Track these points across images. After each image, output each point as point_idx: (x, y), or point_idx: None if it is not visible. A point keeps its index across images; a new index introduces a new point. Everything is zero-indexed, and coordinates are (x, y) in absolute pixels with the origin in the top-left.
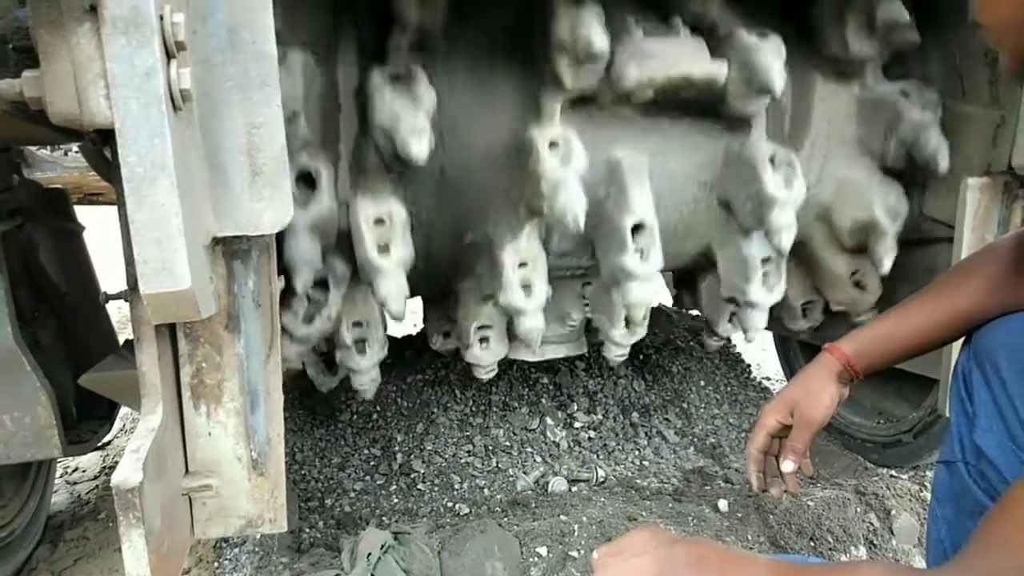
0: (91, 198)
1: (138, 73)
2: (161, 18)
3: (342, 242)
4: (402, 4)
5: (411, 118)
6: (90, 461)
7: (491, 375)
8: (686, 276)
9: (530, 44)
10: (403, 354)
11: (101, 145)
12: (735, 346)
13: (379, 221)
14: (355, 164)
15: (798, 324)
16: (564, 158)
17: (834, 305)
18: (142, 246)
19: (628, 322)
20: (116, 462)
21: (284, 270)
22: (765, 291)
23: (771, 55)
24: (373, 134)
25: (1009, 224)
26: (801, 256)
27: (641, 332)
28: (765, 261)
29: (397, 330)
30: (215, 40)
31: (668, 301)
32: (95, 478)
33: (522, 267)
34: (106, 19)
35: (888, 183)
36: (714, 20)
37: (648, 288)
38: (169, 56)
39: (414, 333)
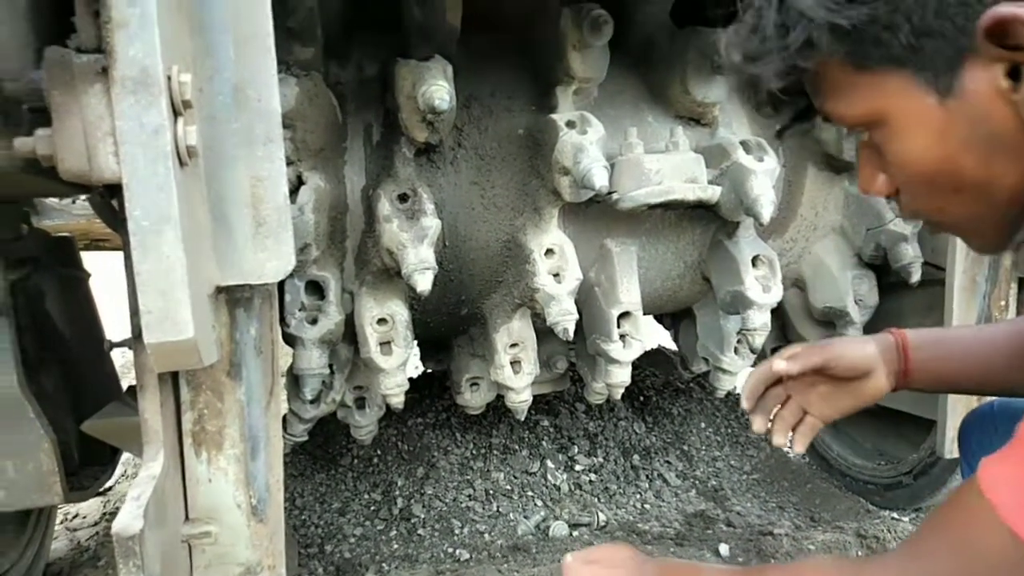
0: (97, 243)
1: (146, 131)
2: (169, 78)
3: (345, 327)
4: (410, 125)
5: (416, 251)
6: (90, 507)
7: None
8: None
9: (530, 150)
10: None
11: (108, 198)
12: (735, 387)
13: (382, 321)
14: (360, 258)
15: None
16: (559, 272)
17: None
18: (147, 296)
19: (608, 386)
20: (117, 508)
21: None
22: (739, 360)
23: (763, 184)
24: (380, 252)
25: (999, 266)
26: (775, 310)
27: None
28: (739, 333)
29: None
30: (221, 98)
31: (668, 343)
32: (95, 524)
33: (513, 347)
34: (116, 80)
35: (863, 274)
36: (715, 117)
37: (627, 371)
38: (176, 114)
39: (414, 376)
